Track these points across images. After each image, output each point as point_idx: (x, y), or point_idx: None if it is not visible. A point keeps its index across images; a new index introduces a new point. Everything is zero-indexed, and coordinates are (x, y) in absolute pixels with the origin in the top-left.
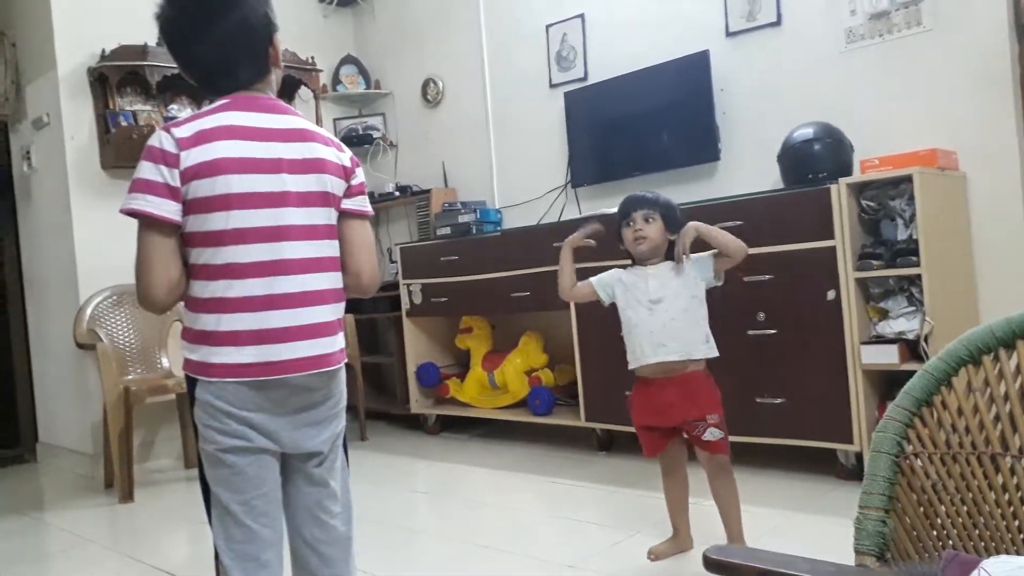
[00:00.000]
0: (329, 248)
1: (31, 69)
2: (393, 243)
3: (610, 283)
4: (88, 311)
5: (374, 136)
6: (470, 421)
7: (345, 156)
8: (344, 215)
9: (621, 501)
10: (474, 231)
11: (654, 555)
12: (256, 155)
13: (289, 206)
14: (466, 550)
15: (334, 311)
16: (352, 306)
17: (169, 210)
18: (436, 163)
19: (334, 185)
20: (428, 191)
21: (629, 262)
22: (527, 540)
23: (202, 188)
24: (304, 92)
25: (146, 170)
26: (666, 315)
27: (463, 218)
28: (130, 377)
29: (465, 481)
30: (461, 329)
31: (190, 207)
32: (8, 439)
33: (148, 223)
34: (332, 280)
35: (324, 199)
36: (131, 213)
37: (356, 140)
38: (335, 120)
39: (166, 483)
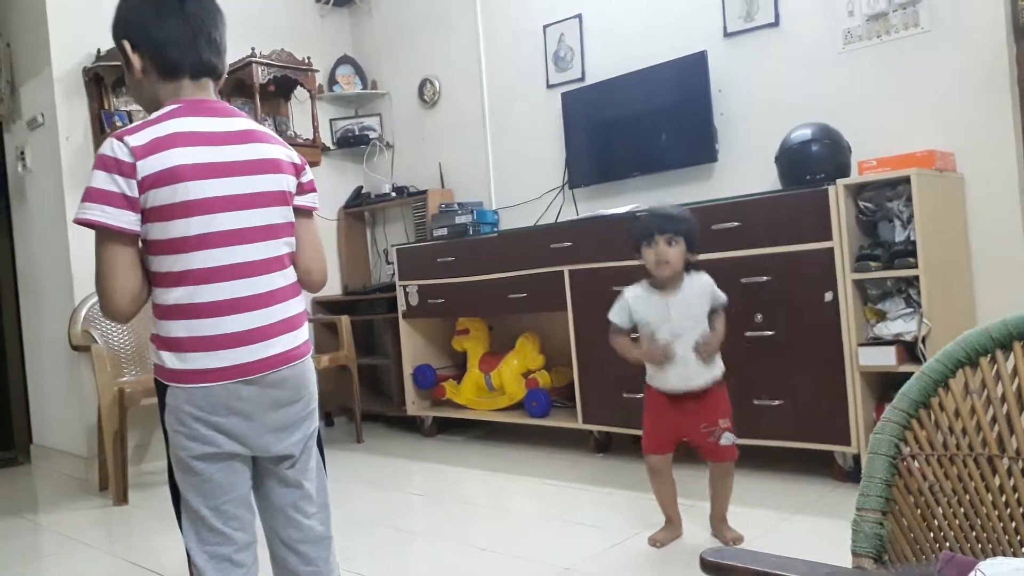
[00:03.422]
0: (285, 246)
1: (26, 69)
2: (390, 244)
3: (623, 311)
4: (83, 313)
5: (370, 136)
6: (467, 423)
7: (294, 154)
8: (295, 212)
9: (618, 503)
10: (471, 232)
11: (659, 543)
12: (214, 160)
13: (248, 208)
14: (463, 552)
15: (297, 304)
16: (348, 308)
17: (128, 220)
18: (433, 164)
19: (289, 183)
20: (425, 192)
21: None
22: (524, 542)
23: (161, 196)
24: (300, 92)
25: (100, 180)
26: (688, 349)
27: (460, 219)
28: (125, 379)
29: (462, 483)
30: (458, 331)
31: (149, 215)
32: (2, 441)
33: (106, 234)
34: (290, 276)
35: (282, 198)
36: (87, 224)
37: (352, 141)
38: (331, 120)
39: (161, 485)
